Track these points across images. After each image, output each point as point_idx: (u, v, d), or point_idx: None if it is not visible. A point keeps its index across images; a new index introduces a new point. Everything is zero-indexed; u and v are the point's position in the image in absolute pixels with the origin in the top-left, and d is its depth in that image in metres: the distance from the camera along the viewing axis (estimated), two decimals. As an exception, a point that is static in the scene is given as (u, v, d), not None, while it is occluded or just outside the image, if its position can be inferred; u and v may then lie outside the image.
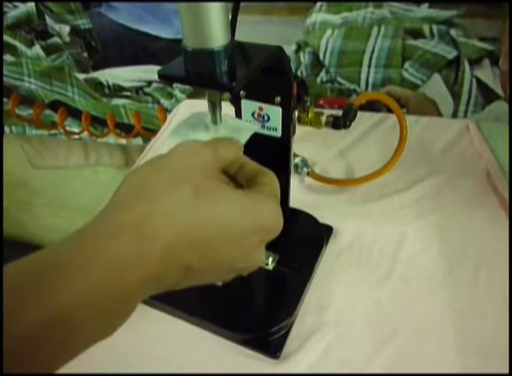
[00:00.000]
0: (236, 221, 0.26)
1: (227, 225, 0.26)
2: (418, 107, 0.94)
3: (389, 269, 0.50)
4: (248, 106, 0.47)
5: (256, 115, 0.47)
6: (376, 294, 0.47)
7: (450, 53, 0.87)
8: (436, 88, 0.91)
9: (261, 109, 0.46)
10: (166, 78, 0.34)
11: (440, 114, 0.93)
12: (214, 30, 0.31)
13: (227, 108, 0.48)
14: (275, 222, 0.30)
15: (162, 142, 0.77)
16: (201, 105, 0.38)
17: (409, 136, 0.57)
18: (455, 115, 0.92)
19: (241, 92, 0.46)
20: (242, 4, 0.41)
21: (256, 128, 0.41)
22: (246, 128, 0.39)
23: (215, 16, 0.30)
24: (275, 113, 0.46)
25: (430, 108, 0.94)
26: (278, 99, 0.44)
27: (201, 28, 0.31)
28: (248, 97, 0.46)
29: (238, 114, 0.49)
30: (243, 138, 0.38)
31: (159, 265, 0.22)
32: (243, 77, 0.33)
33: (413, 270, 0.50)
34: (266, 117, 0.47)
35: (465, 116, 0.91)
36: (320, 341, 0.43)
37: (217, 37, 0.31)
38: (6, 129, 1.28)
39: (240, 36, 0.39)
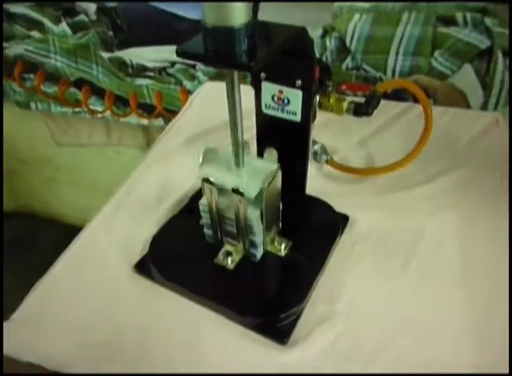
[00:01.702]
0: None
1: None
2: (446, 98, 0.91)
3: (404, 262, 0.49)
4: (268, 88, 0.46)
5: (276, 98, 0.47)
6: (389, 287, 0.46)
7: (483, 43, 0.84)
8: (466, 78, 0.88)
9: (281, 92, 0.46)
10: (184, 56, 0.33)
11: (469, 106, 0.90)
12: (235, 7, 0.30)
13: (248, 91, 0.47)
14: None
15: (182, 125, 0.77)
16: (223, 87, 0.37)
17: (434, 127, 0.55)
18: (484, 107, 0.88)
19: (262, 74, 0.46)
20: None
21: (275, 168, 0.42)
22: (266, 171, 0.41)
23: (236, -8, 0.30)
24: (295, 96, 0.45)
25: (459, 99, 0.91)
26: (299, 82, 0.43)
27: (222, 4, 0.30)
28: (269, 79, 0.46)
29: (257, 97, 0.48)
30: (262, 182, 0.40)
31: None
32: (263, 57, 0.32)
33: (430, 265, 0.49)
34: (286, 101, 0.46)
35: (495, 109, 0.87)
36: (329, 330, 0.42)
37: (237, 15, 0.31)
38: (32, 105, 1.30)
39: (266, 19, 0.38)
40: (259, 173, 0.41)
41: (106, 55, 1.13)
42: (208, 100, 0.84)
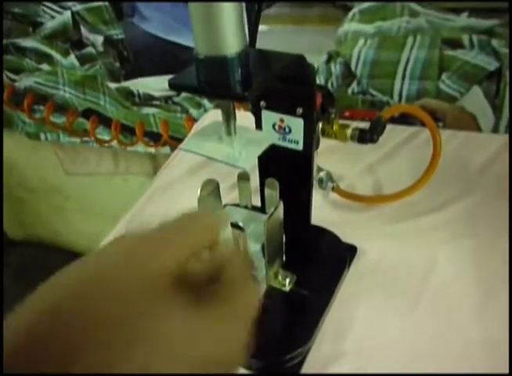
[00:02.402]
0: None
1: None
2: (456, 121, 0.89)
3: (416, 296, 0.46)
4: (269, 117, 0.45)
5: (277, 127, 0.45)
6: (401, 323, 0.44)
7: (491, 64, 0.82)
8: (475, 101, 0.86)
9: (281, 120, 0.44)
10: (176, 88, 0.32)
11: (479, 129, 0.88)
12: (227, 35, 0.29)
13: (251, 118, 0.46)
14: (230, 354, 0.21)
15: (186, 153, 0.76)
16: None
17: (444, 152, 0.53)
18: (496, 130, 0.86)
19: (261, 103, 0.44)
20: (273, 13, 0.39)
21: (273, 139, 0.38)
22: (262, 140, 0.37)
23: (228, 20, 0.29)
24: (296, 125, 0.43)
25: (469, 122, 0.89)
26: (300, 110, 0.42)
27: (213, 33, 0.29)
28: (269, 108, 0.44)
29: (258, 126, 0.46)
30: (258, 150, 0.36)
31: None
32: (258, 87, 0.31)
33: (444, 298, 0.46)
34: (287, 129, 0.44)
35: (507, 131, 0.85)
36: (338, 370, 0.40)
37: (230, 43, 0.29)
38: (42, 136, 1.31)
39: (270, 46, 0.37)
40: (254, 142, 0.36)
41: (113, 85, 1.15)
42: (213, 128, 0.83)
